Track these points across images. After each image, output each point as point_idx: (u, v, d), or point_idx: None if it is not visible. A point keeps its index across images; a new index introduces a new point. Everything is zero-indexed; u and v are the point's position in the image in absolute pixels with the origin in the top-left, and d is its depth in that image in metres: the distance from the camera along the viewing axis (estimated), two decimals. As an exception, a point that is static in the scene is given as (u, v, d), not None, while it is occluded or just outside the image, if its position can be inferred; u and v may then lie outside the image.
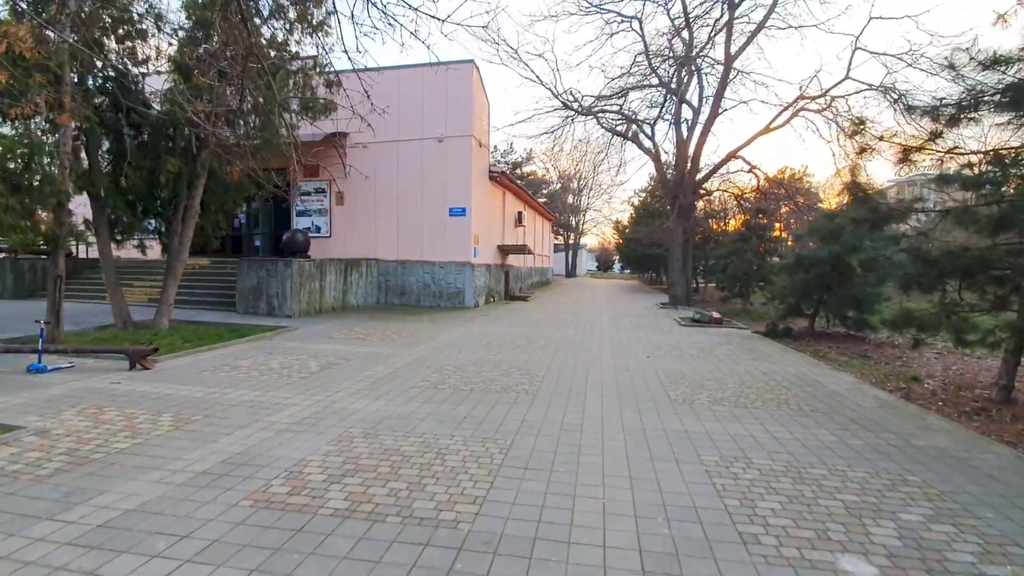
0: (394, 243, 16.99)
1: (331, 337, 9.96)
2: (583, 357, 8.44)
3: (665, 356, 8.76)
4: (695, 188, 17.62)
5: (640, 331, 11.86)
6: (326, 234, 17.53)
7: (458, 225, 16.40)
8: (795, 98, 16.66)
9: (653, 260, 29.27)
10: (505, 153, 50.71)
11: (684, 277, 17.54)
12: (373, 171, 17.09)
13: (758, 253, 17.26)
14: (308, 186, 17.66)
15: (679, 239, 17.43)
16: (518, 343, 9.76)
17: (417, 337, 10.21)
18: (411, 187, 16.75)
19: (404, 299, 16.86)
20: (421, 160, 16.65)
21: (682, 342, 10.33)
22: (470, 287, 16.36)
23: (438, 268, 16.60)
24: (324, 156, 17.26)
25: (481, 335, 10.69)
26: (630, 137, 18.18)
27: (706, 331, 12.12)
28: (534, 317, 14.30)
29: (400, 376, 6.85)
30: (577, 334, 11.14)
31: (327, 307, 14.20)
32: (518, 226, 23.75)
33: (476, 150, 16.72)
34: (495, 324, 12.52)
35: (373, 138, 17.08)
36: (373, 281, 16.82)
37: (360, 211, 17.22)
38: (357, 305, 15.75)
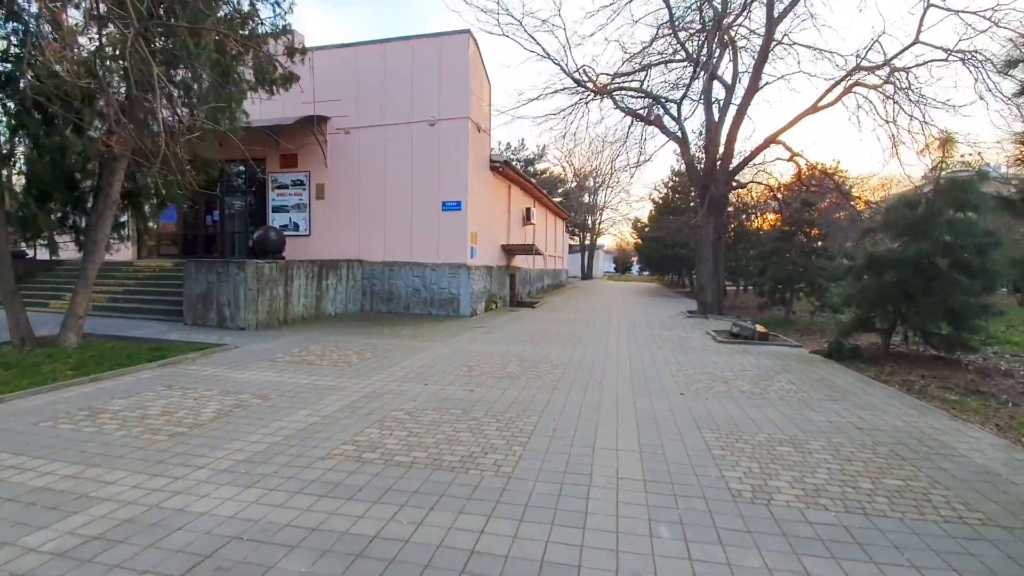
0: (380, 242, 14.87)
1: (273, 360, 7.82)
2: (593, 396, 6.14)
3: (706, 393, 6.41)
4: (728, 178, 15.17)
5: (667, 349, 9.50)
6: (305, 232, 15.49)
7: (452, 221, 14.21)
8: (851, 69, 14.12)
9: (675, 261, 26.78)
10: (516, 150, 48.56)
11: (715, 281, 15.12)
12: (356, 160, 15.00)
13: (803, 253, 14.73)
14: (284, 178, 15.64)
15: (709, 237, 15.00)
16: (509, 369, 7.49)
17: (383, 360, 8.02)
18: (399, 178, 14.62)
19: (392, 306, 14.72)
20: (410, 147, 14.51)
21: (723, 368, 7.95)
22: (466, 292, 14.15)
23: (429, 271, 14.42)
24: (302, 144, 15.24)
25: (466, 356, 8.45)
26: (652, 120, 15.81)
27: (750, 350, 9.71)
28: (538, 329, 12.01)
29: (314, 436, 4.63)
30: (587, 354, 8.83)
31: (295, 317, 12.11)
32: (526, 224, 21.49)
33: (474, 135, 14.51)
34: (489, 339, 10.28)
35: (357, 122, 15.03)
36: (356, 286, 14.71)
37: (343, 206, 15.14)
38: (335, 314, 13.65)
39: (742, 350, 9.61)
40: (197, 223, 17.14)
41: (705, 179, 14.98)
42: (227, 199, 16.76)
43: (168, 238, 17.52)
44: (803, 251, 14.80)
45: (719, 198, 14.84)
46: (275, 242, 14.13)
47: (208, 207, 16.99)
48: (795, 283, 14.67)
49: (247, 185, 16.52)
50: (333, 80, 14.93)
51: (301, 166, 15.48)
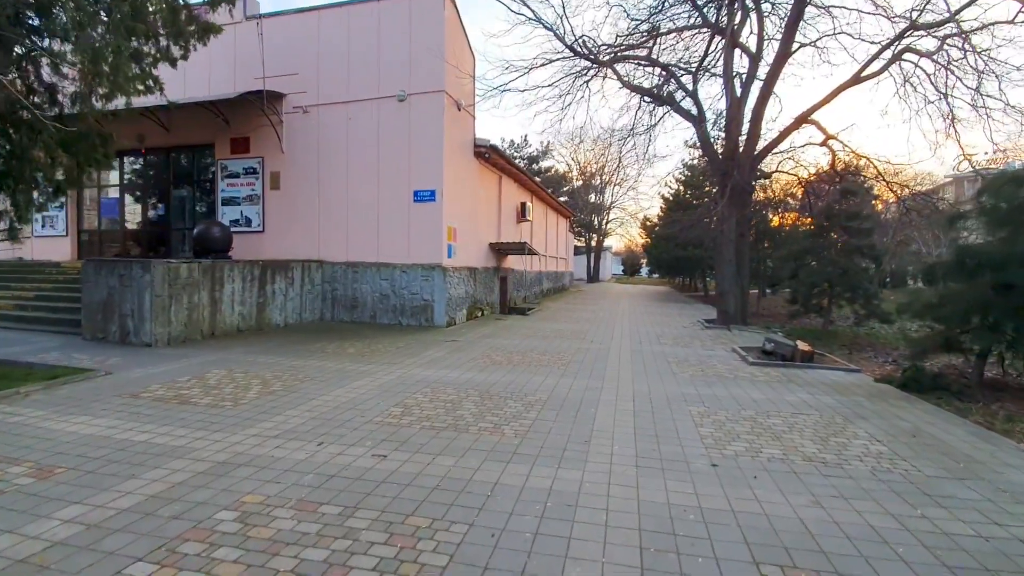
0: (342, 239, 12.68)
1: (137, 396, 5.63)
2: (571, 474, 3.84)
3: (750, 463, 4.10)
4: (753, 163, 12.84)
5: (684, 377, 7.19)
6: (258, 227, 13.34)
7: (425, 214, 11.99)
8: (903, 30, 11.74)
9: (688, 263, 24.39)
10: (519, 146, 46.42)
11: (738, 286, 12.78)
12: (316, 143, 12.85)
13: (844, 251, 12.34)
14: (235, 165, 13.52)
15: (731, 234, 12.66)
16: (460, 413, 5.23)
17: (290, 395, 5.78)
18: (364, 164, 12.44)
19: (356, 315, 12.52)
20: (377, 127, 12.32)
21: (767, 409, 5.63)
22: (441, 298, 11.91)
23: (399, 273, 12.20)
24: (255, 126, 13.12)
25: (410, 388, 6.20)
26: (663, 97, 13.51)
27: (794, 376, 7.37)
28: (523, 345, 9.74)
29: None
30: (576, 386, 6.55)
31: (227, 328, 9.94)
32: (521, 221, 19.24)
33: (452, 113, 12.30)
34: (454, 360, 8.03)
35: (316, 99, 12.86)
36: (315, 291, 12.53)
37: (300, 197, 12.99)
38: (284, 324, 11.46)
39: (784, 377, 7.26)
40: (145, 218, 15.07)
41: (726, 165, 12.65)
42: (175, 191, 14.68)
43: (116, 236, 15.44)
44: (843, 249, 12.41)
45: (743, 187, 12.50)
46: (219, 239, 12.00)
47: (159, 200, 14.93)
48: (834, 288, 12.28)
49: (198, 175, 14.42)
50: (289, 51, 12.81)
51: (254, 151, 13.36)
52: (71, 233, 15.41)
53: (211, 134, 13.62)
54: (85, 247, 15.46)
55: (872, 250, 12.33)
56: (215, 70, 13.58)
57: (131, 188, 15.18)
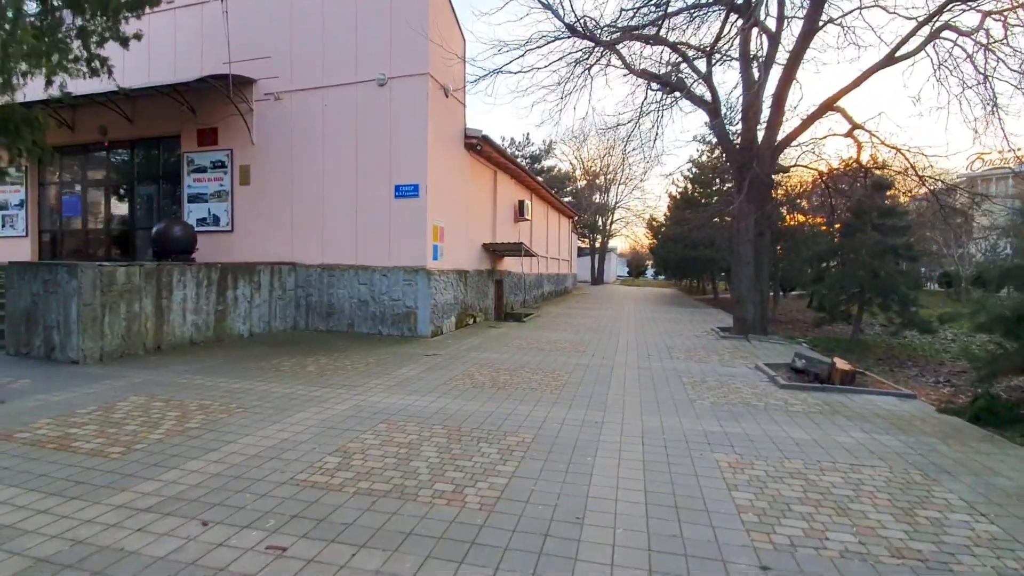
0: (317, 239, 11.47)
1: (9, 438, 4.42)
2: None
3: (818, 565, 2.83)
4: (775, 153, 11.52)
5: (704, 407, 5.91)
6: (226, 227, 12.15)
7: (408, 211, 10.76)
8: (942, 4, 10.40)
9: (697, 264, 23.05)
10: (521, 145, 45.21)
11: (757, 291, 11.47)
12: (288, 134, 11.65)
13: (876, 252, 11.01)
14: (203, 158, 12.34)
15: (749, 232, 11.36)
16: (415, 464, 3.98)
17: (207, 436, 4.55)
18: (341, 155, 11.23)
19: (332, 323, 11.30)
20: (355, 114, 11.11)
21: (816, 458, 4.34)
22: (425, 305, 10.67)
23: (379, 277, 10.97)
24: (223, 115, 11.94)
25: (360, 425, 4.96)
26: (673, 83, 12.22)
27: (837, 405, 6.07)
28: (512, 361, 8.49)
29: None
30: (572, 420, 5.28)
31: (178, 341, 8.74)
32: (519, 220, 17.99)
33: (437, 99, 11.08)
34: (427, 382, 6.79)
35: (289, 85, 11.65)
36: (287, 296, 11.32)
37: (272, 193, 11.79)
38: (249, 334, 10.25)
39: (826, 406, 5.96)
40: (108, 217, 13.91)
41: (743, 156, 11.35)
42: (140, 188, 13.53)
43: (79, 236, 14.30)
44: (875, 250, 11.08)
45: (763, 180, 11.19)
46: (180, 239, 10.84)
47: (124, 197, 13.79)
48: (867, 293, 10.96)
49: (164, 170, 13.26)
50: (260, 32, 11.64)
51: (222, 143, 12.17)
52: (31, 233, 14.30)
53: (177, 125, 12.45)
54: (47, 248, 14.36)
55: (909, 250, 10.99)
56: (182, 55, 12.44)
57: (94, 185, 14.04)
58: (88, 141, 13.66)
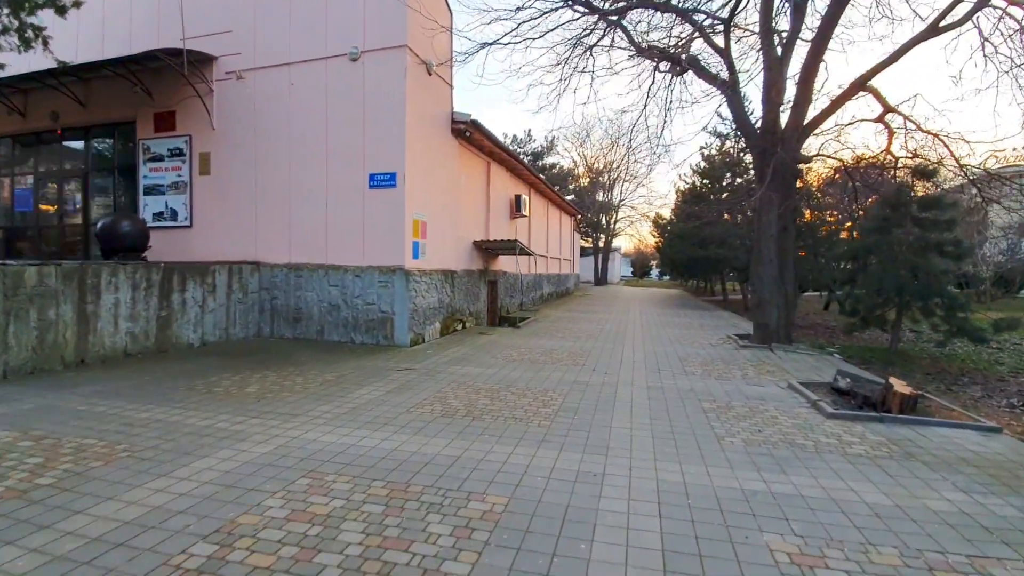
0: (284, 235, 10.19)
1: None
2: None
3: None
4: (801, 137, 10.16)
5: (737, 448, 4.59)
6: (184, 221, 10.89)
7: (384, 203, 9.48)
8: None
9: (707, 264, 21.65)
10: (522, 141, 43.90)
11: (781, 293, 10.11)
12: (252, 117, 10.39)
13: (917, 249, 9.65)
14: (160, 146, 11.08)
15: (772, 227, 10.00)
16: (321, 560, 2.67)
17: (35, 512, 3.26)
18: (310, 141, 9.95)
19: (299, 330, 10.02)
20: (325, 94, 9.83)
21: (915, 543, 3.01)
22: (403, 309, 9.37)
23: (352, 278, 9.69)
24: (181, 97, 10.68)
25: (272, 485, 3.66)
26: (684, 60, 10.89)
27: (907, 444, 4.72)
28: (499, 377, 7.18)
29: None
30: (563, 474, 3.97)
31: (107, 352, 7.47)
32: (516, 216, 16.68)
33: (418, 76, 9.79)
34: (388, 408, 5.49)
35: (253, 62, 10.38)
36: (248, 300, 10.04)
37: (235, 184, 10.53)
38: (200, 343, 8.98)
39: (893, 446, 4.62)
40: (62, 211, 12.68)
41: (766, 140, 10.00)
42: (95, 179, 12.29)
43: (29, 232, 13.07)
44: (915, 247, 9.71)
45: (787, 167, 9.84)
46: (128, 236, 9.61)
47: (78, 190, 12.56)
48: (907, 296, 9.59)
49: (120, 159, 12.02)
50: (221, 4, 10.37)
51: (180, 129, 10.91)
52: None
53: (132, 109, 11.21)
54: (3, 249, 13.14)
55: (958, 247, 9.61)
56: (138, 33, 11.17)
57: (47, 176, 12.81)
58: (40, 128, 12.44)
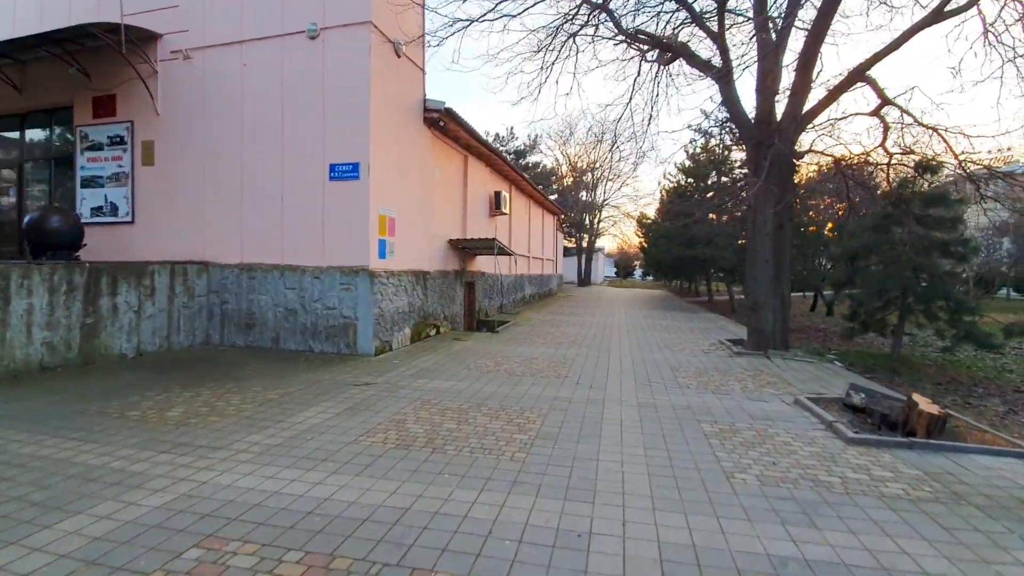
0: (236, 233, 9.21)
1: None
2: None
3: None
4: (799, 127, 9.50)
5: (751, 489, 3.81)
6: (125, 217, 9.83)
7: (346, 197, 8.56)
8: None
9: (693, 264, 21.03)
10: (504, 139, 43.07)
11: (777, 295, 9.43)
12: (201, 101, 9.39)
13: (922, 249, 9.05)
14: (99, 133, 10.01)
15: (767, 224, 9.32)
16: None
17: None
18: (264, 127, 8.98)
19: (253, 337, 9.04)
20: (281, 75, 8.87)
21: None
22: (367, 315, 8.46)
23: (310, 280, 8.74)
24: (122, 79, 9.64)
25: (153, 558, 2.75)
26: (674, 45, 10.16)
27: (945, 479, 3.99)
28: (470, 393, 6.34)
29: None
30: (539, 531, 3.14)
31: (19, 366, 6.44)
32: (495, 214, 15.83)
33: (385, 56, 8.89)
34: (333, 436, 4.61)
35: (202, 40, 9.37)
36: (194, 304, 9.04)
37: (181, 175, 9.51)
38: (136, 353, 7.96)
39: (934, 482, 3.87)
40: None
41: (761, 131, 9.32)
42: (31, 170, 11.14)
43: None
44: (919, 246, 9.11)
45: (785, 160, 9.17)
46: (59, 232, 8.57)
47: (12, 183, 11.40)
48: (907, 298, 8.97)
49: (57, 148, 10.90)
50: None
51: (121, 114, 9.85)
52: None
53: (70, 93, 10.11)
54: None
55: (964, 246, 9.02)
56: (78, 7, 10.07)
57: (-24, 167, 11.62)
58: (-32, 115, 11.25)
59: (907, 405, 5.16)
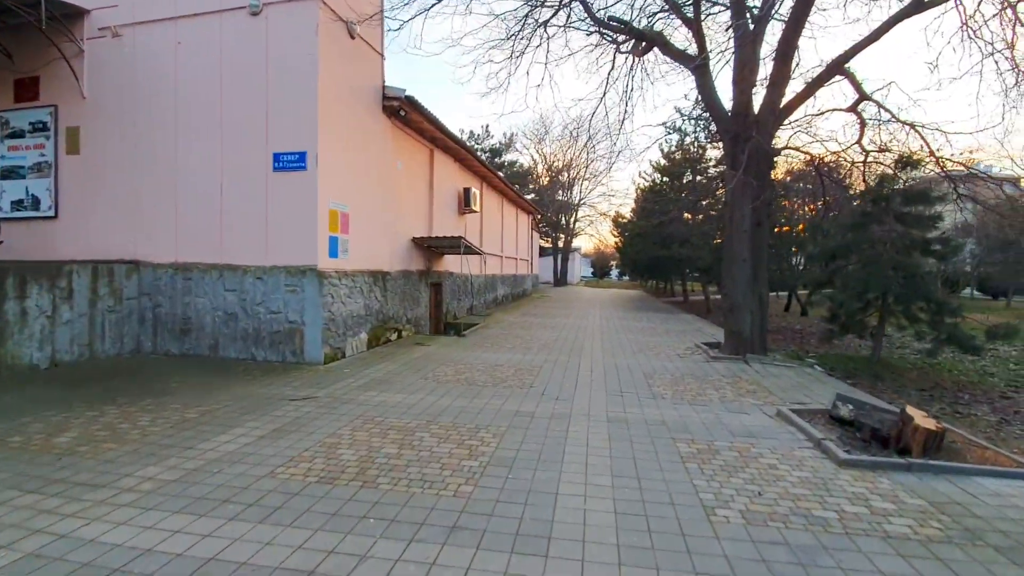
0: (170, 229, 8.35)
1: None
2: None
3: None
4: (777, 119, 9.07)
5: (736, 535, 3.23)
6: (48, 211, 8.87)
7: (291, 189, 7.79)
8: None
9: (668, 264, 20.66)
10: (479, 138, 42.34)
11: (755, 296, 8.98)
12: (132, 83, 8.50)
13: (903, 247, 8.70)
14: (19, 119, 9.02)
15: (745, 221, 8.86)
16: None
17: None
18: (202, 111, 8.14)
19: (189, 343, 8.20)
20: (219, 54, 8.05)
21: None
22: (315, 319, 7.71)
23: (252, 281, 7.94)
24: (46, 60, 8.68)
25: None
26: (648, 33, 9.65)
27: (953, 511, 3.48)
28: (421, 408, 5.67)
29: None
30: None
31: None
32: (465, 212, 15.14)
33: (335, 36, 8.15)
34: (243, 471, 3.90)
35: (131, 16, 8.48)
36: (124, 307, 8.15)
37: (110, 165, 8.61)
38: (49, 363, 7.05)
39: (943, 515, 3.35)
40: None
41: (738, 124, 8.85)
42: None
43: None
44: (901, 245, 8.76)
45: (763, 153, 8.72)
46: (-37, 228, 7.55)
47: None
48: (887, 299, 8.62)
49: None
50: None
51: (44, 98, 8.89)
52: None
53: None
54: None
55: (945, 244, 8.70)
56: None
57: None
58: None
59: (900, 419, 4.68)
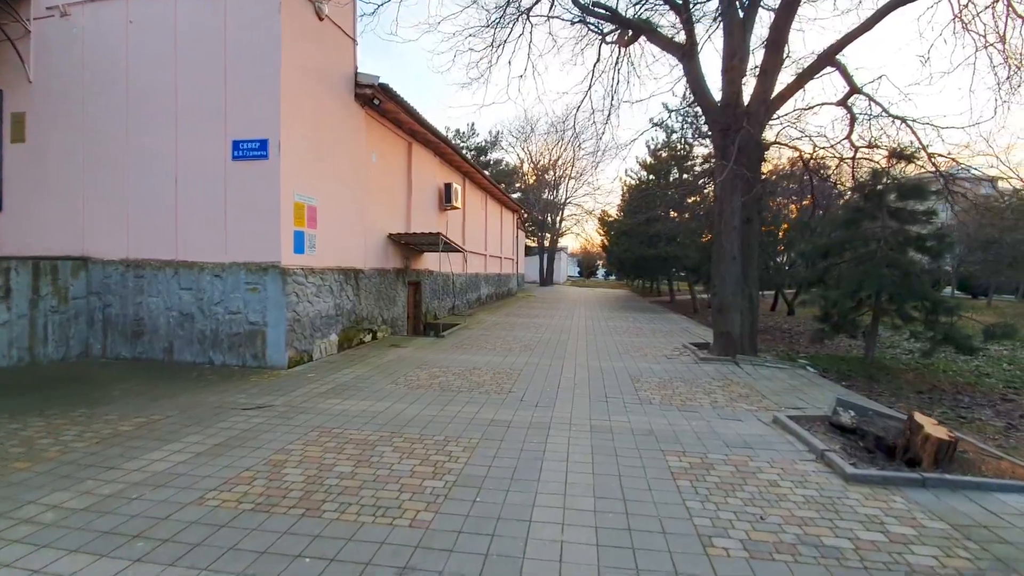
0: (121, 223, 7.73)
1: None
2: None
3: None
4: (768, 111, 8.69)
5: (736, 567, 2.77)
6: (-13, 205, 8.19)
7: (252, 180, 7.22)
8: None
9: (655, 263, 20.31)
10: (465, 135, 41.76)
11: (746, 295, 8.61)
12: (80, 67, 7.87)
13: (898, 243, 8.38)
14: (-46, 103, 8.32)
15: (734, 217, 8.48)
16: None
17: None
18: (155, 96, 7.54)
19: (141, 347, 7.58)
20: (174, 34, 7.46)
21: None
22: (279, 320, 7.15)
23: (210, 279, 7.36)
24: (-18, 37, 7.99)
25: None
26: (636, 21, 9.22)
27: (982, 538, 3.08)
28: (388, 417, 5.18)
29: None
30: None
31: None
32: (446, 208, 14.62)
33: (301, 16, 7.60)
34: (163, 499, 3.37)
35: (78, -7, 7.84)
36: (71, 308, 7.52)
37: (58, 154, 7.96)
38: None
39: (968, 541, 2.94)
40: None
41: (727, 116, 8.46)
42: None
43: None
44: (895, 241, 8.44)
45: (754, 145, 8.34)
46: None
47: None
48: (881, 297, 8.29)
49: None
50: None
51: (-16, 81, 8.22)
52: None
53: (-80, 54, 8.38)
54: None
55: (942, 242, 8.39)
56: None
57: None
58: None
59: (907, 426, 4.29)
